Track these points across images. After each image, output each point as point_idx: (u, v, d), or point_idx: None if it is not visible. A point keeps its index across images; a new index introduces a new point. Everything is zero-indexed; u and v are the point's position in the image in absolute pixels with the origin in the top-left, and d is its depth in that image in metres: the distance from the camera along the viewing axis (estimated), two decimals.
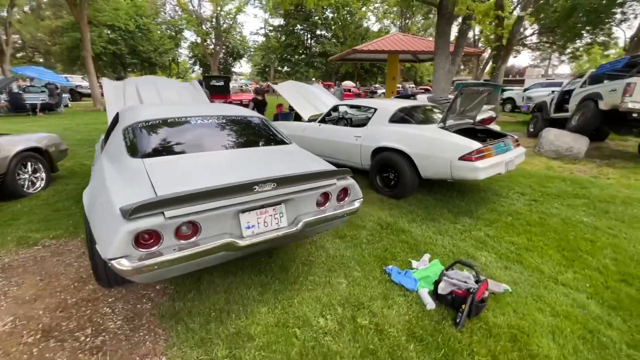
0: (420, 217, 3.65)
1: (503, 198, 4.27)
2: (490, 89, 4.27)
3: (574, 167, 6.04)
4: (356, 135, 4.64)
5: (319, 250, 2.89)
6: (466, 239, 3.13)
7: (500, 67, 14.40)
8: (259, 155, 2.36)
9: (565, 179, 5.09)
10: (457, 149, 3.60)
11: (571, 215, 3.72)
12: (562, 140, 6.72)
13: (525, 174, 5.35)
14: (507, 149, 4.04)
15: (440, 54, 9.08)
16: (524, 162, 6.13)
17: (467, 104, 4.20)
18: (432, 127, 4.02)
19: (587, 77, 7.74)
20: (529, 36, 29.55)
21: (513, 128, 11.38)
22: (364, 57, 17.52)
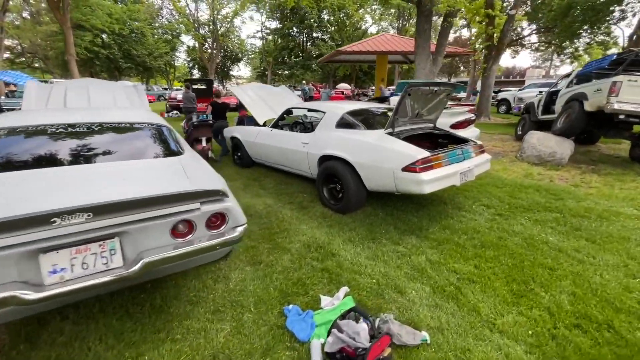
0: (360, 236, 3.17)
1: (464, 212, 3.78)
2: (450, 88, 3.79)
3: (556, 174, 5.52)
4: (303, 142, 4.18)
5: (219, 281, 2.42)
6: (402, 266, 2.65)
7: (492, 67, 13.89)
8: (116, 171, 1.91)
9: (541, 188, 4.58)
10: (400, 158, 3.13)
11: (536, 233, 3.22)
12: (545, 144, 6.21)
13: (499, 183, 4.85)
14: (466, 156, 3.55)
15: (421, 53, 8.63)
16: (502, 170, 5.66)
17: (421, 105, 3.72)
18: (378, 133, 3.55)
19: (573, 76, 7.22)
20: (527, 36, 29.09)
21: (503, 130, 10.88)
22: (352, 59, 17.07)
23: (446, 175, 3.17)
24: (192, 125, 5.68)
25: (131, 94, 4.75)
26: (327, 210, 3.82)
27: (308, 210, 3.83)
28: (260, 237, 3.13)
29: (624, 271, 2.57)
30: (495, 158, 6.71)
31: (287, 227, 3.36)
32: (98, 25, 23.31)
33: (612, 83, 5.40)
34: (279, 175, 5.23)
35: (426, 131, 4.00)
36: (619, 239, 3.08)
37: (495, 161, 6.39)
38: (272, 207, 3.95)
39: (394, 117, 3.42)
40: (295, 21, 37.12)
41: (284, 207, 3.96)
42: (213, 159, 6.19)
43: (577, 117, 6.20)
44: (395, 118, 3.46)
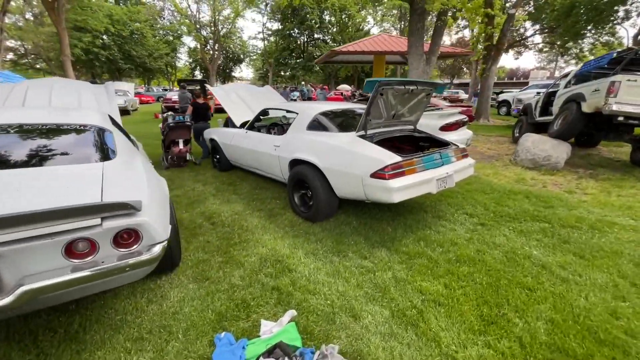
0: (325, 248, 2.90)
1: (444, 221, 3.49)
2: (429, 88, 3.51)
3: (550, 179, 5.21)
4: (275, 145, 3.92)
5: (154, 302, 2.17)
6: (364, 284, 2.38)
7: (491, 68, 13.57)
8: (15, 180, 1.66)
9: (532, 195, 4.28)
10: (368, 164, 2.86)
11: (519, 246, 2.93)
12: (540, 147, 5.90)
13: (487, 189, 4.55)
14: (445, 161, 3.27)
15: (414, 53, 8.35)
16: (493, 174, 5.36)
17: (398, 106, 3.45)
18: (349, 136, 3.28)
19: (571, 76, 6.91)
20: (530, 37, 28.67)
21: (501, 132, 10.55)
22: (350, 59, 16.79)
23: (420, 182, 2.90)
24: (168, 126, 5.45)
25: (100, 94, 4.54)
26: (297, 219, 3.55)
27: (277, 218, 3.57)
28: (216, 249, 2.87)
29: (612, 292, 2.28)
30: (488, 162, 6.42)
31: (249, 238, 3.11)
32: (93, 26, 23.21)
33: (610, 83, 5.09)
34: (256, 179, 4.99)
35: (405, 134, 3.73)
36: (611, 254, 2.79)
37: (488, 165, 6.09)
38: (239, 214, 3.70)
39: (365, 118, 3.15)
40: (296, 22, 36.96)
41: (253, 214, 3.70)
42: (193, 162, 5.96)
43: (574, 119, 5.89)
44: (367, 119, 3.20)
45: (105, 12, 28.53)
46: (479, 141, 8.84)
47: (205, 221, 3.49)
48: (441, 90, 3.68)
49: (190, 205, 3.94)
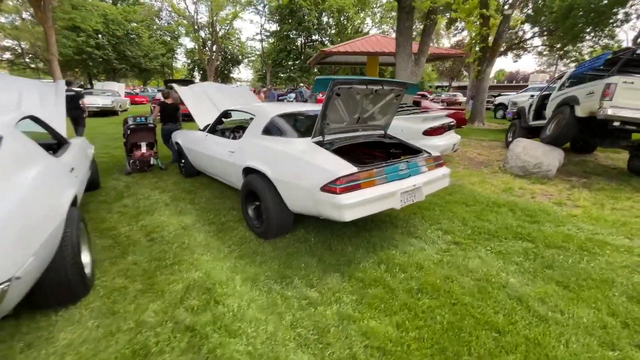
0: (269, 272, 2.50)
1: (414, 239, 3.09)
2: (398, 88, 3.11)
3: (540, 188, 4.81)
4: (230, 150, 3.53)
5: (34, 346, 1.76)
6: (300, 323, 1.97)
7: (486, 70, 13.20)
8: None
9: (517, 207, 3.88)
10: (318, 175, 2.46)
11: (495, 272, 2.52)
12: (530, 154, 5.50)
13: (469, 200, 4.15)
14: (413, 172, 2.87)
15: (402, 53, 7.98)
16: (479, 183, 4.97)
17: (361, 108, 3.05)
18: (305, 142, 2.88)
19: (565, 78, 6.52)
20: (529, 39, 28.36)
21: (495, 137, 10.16)
22: (343, 60, 16.42)
23: (379, 197, 2.50)
24: (128, 128, 5.06)
25: (46, 93, 4.17)
26: (249, 234, 3.15)
27: (227, 234, 3.17)
28: (141, 274, 2.47)
29: (599, 336, 1.87)
30: (477, 168, 6.02)
31: (185, 258, 2.70)
32: (82, 25, 22.86)
33: (605, 85, 4.70)
34: (219, 187, 4.59)
35: (373, 140, 3.33)
36: (600, 283, 2.38)
37: (475, 172, 5.69)
38: (186, 228, 3.30)
39: (321, 122, 2.76)
40: (294, 23, 36.66)
41: (202, 228, 3.30)
42: (159, 167, 5.56)
43: (567, 123, 5.49)
44: (324, 124, 2.80)
45: (100, 11, 28.27)
46: (470, 146, 8.45)
47: (143, 237, 3.09)
48: (413, 91, 3.27)
49: (136, 217, 3.54)
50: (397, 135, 5.66)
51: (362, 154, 3.83)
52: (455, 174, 5.50)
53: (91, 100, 15.30)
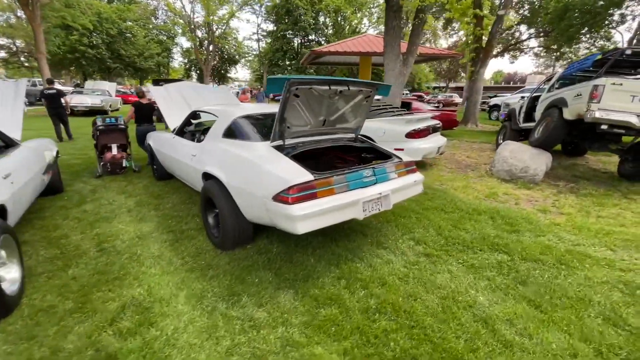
0: (218, 289, 2.29)
1: (383, 250, 2.89)
2: (368, 89, 2.91)
3: (526, 193, 4.63)
4: (192, 154, 3.33)
5: None
6: (239, 349, 1.77)
7: (479, 71, 13.04)
8: None
9: (498, 215, 3.69)
10: (272, 183, 2.26)
11: (464, 289, 2.33)
12: (517, 157, 5.31)
13: (449, 207, 3.96)
14: (380, 179, 2.67)
15: (390, 52, 7.79)
16: (462, 188, 4.78)
17: (325, 110, 2.86)
18: (263, 146, 2.68)
19: (555, 79, 6.34)
20: (525, 40, 28.27)
21: (486, 139, 9.99)
22: (336, 60, 16.20)
23: (338, 207, 2.30)
24: (97, 130, 4.85)
25: (5, 92, 3.97)
26: (207, 245, 2.95)
27: (183, 244, 2.97)
28: (76, 290, 2.26)
29: None
30: (463, 172, 5.83)
31: (131, 271, 2.50)
32: (71, 23, 22.57)
33: (593, 87, 4.51)
34: (188, 192, 4.37)
35: (342, 143, 3.13)
36: (576, 302, 2.19)
37: (460, 176, 5.50)
38: (143, 237, 3.09)
39: (279, 125, 2.56)
40: (290, 23, 36.46)
41: (159, 237, 3.10)
42: (132, 169, 5.35)
43: (555, 126, 5.31)
44: (283, 127, 2.60)
45: (94, 10, 27.98)
46: (460, 148, 8.27)
47: (94, 247, 2.88)
48: (385, 92, 3.07)
49: (92, 225, 3.33)
50: (379, 138, 5.50)
51: (334, 159, 3.64)
52: (439, 178, 5.31)
53: (80, 99, 15.06)
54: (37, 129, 9.33)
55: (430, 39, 46.14)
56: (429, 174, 5.55)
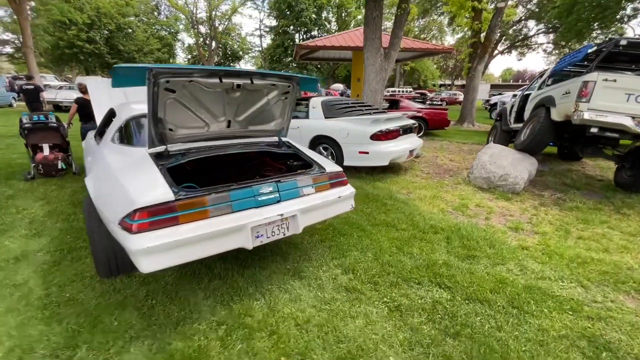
0: (57, 337, 1.79)
1: (299, 280, 2.35)
2: (284, 83, 2.37)
3: (501, 205, 4.03)
4: (89, 160, 2.84)
5: None
6: None
7: (477, 67, 12.31)
8: None
9: (458, 233, 3.12)
10: (119, 204, 1.75)
11: (373, 344, 1.78)
12: (497, 163, 4.70)
13: (403, 222, 3.40)
14: (287, 195, 2.14)
15: (370, 46, 7.18)
16: (430, 197, 4.22)
17: (228, 108, 2.32)
18: (139, 152, 2.17)
19: (547, 74, 5.69)
20: (532, 36, 27.21)
21: (480, 140, 9.34)
22: (329, 56, 15.57)
23: (209, 236, 1.77)
24: (24, 128, 4.40)
25: None
26: (90, 269, 2.45)
27: (62, 267, 2.47)
28: None
29: None
30: (439, 178, 5.24)
31: None
32: (59, 18, 22.34)
33: (582, 84, 3.90)
34: None
35: (259, 149, 2.60)
36: None
37: (434, 183, 4.91)
38: (22, 258, 2.60)
39: (154, 127, 2.03)
40: (291, 18, 35.81)
41: (41, 258, 2.61)
42: (72, 172, 4.89)
43: (541, 128, 4.69)
44: (160, 129, 2.08)
45: (93, 5, 27.77)
46: (446, 150, 7.65)
47: None
48: (311, 87, 2.51)
49: None
50: (343, 140, 4.94)
51: (263, 168, 3.10)
52: (408, 185, 4.73)
53: (66, 94, 14.77)
54: (13, 125, 9.02)
55: (436, 35, 45.05)
56: (399, 180, 4.98)
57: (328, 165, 2.52)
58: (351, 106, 5.43)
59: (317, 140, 5.23)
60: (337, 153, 5.00)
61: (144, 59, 33.25)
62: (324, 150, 5.20)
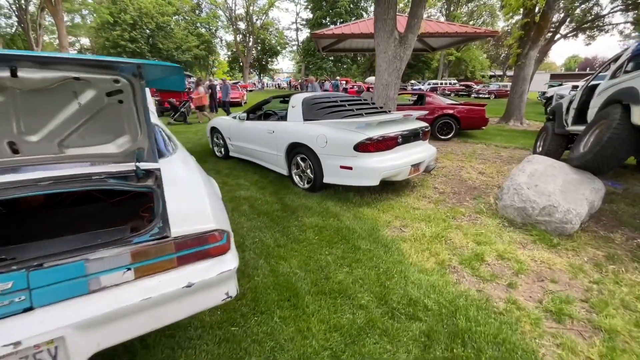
0: None
1: None
2: (104, 75, 1.32)
3: (541, 258, 2.61)
4: None
5: None
6: None
7: (529, 54, 10.19)
8: None
9: (451, 320, 1.85)
10: None
11: None
12: (540, 187, 3.21)
13: (370, 285, 2.19)
14: (55, 294, 1.08)
15: (380, 29, 5.85)
16: (432, 238, 2.95)
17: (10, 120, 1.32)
18: None
19: (625, 57, 3.95)
20: (606, 15, 23.09)
21: (524, 142, 7.54)
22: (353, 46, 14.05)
23: None
24: None
25: None
26: None
27: None
28: None
29: None
30: (454, 203, 3.85)
31: None
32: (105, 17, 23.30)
33: None
34: None
35: (86, 186, 1.56)
36: None
37: (444, 211, 3.56)
38: None
39: None
40: (326, 9, 34.51)
41: None
42: None
43: (614, 136, 3.11)
44: None
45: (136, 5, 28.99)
46: (479, 157, 6.07)
47: None
48: (173, 82, 1.48)
49: None
50: (321, 151, 3.76)
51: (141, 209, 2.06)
52: (406, 214, 3.44)
53: None
54: None
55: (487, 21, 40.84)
56: (396, 204, 3.69)
57: (192, 219, 1.41)
58: (339, 105, 4.20)
59: (293, 149, 4.12)
60: (316, 166, 3.85)
61: (182, 56, 34.23)
62: (302, 161, 4.07)
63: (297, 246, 2.77)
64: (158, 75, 1.52)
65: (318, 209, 3.54)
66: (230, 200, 3.85)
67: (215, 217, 1.45)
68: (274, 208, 3.60)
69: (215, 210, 1.51)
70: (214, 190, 1.95)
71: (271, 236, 2.95)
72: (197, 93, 10.99)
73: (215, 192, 1.93)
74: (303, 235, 2.97)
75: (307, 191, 4.07)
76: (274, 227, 3.14)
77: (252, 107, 5.29)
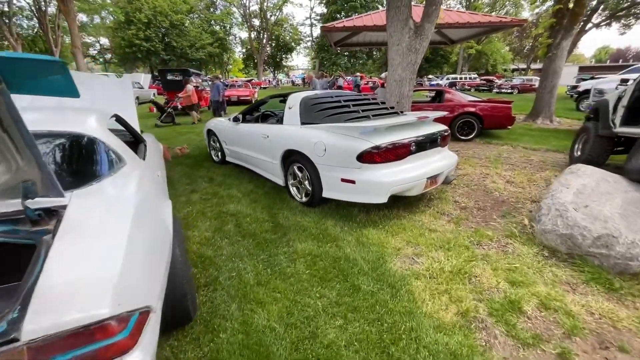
0: None
1: None
2: None
3: (599, 309, 1.97)
4: None
5: None
6: None
7: (560, 44, 9.21)
8: None
9: None
10: None
11: None
12: (591, 209, 2.54)
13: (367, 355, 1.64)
14: None
15: (394, 18, 5.20)
16: (452, 275, 2.35)
17: None
18: None
19: None
20: None
21: (557, 144, 6.71)
22: (367, 40, 13.30)
23: None
24: None
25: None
26: None
27: None
28: None
29: None
30: (483, 220, 3.22)
31: None
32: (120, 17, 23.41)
33: None
34: None
35: None
36: None
37: (469, 234, 2.94)
38: None
39: None
40: (341, 3, 33.67)
41: None
42: None
43: None
44: None
45: (150, 5, 29.14)
46: (505, 162, 5.35)
47: None
48: (67, 88, 1.00)
49: None
50: (318, 160, 3.19)
51: None
52: (420, 237, 2.84)
53: None
54: None
55: (511, 11, 38.81)
56: (409, 222, 3.09)
57: (75, 301, 0.88)
58: (342, 105, 3.61)
59: (289, 156, 3.58)
60: (314, 178, 3.29)
61: (196, 54, 34.27)
62: (299, 171, 3.52)
63: (282, 284, 2.23)
64: (32, 76, 1.02)
65: (314, 230, 2.99)
66: (215, 216, 3.36)
67: (118, 293, 0.93)
68: (264, 228, 3.07)
69: (129, 275, 1.00)
70: (155, 232, 1.43)
71: (253, 268, 2.42)
72: (185, 92, 10.41)
73: (156, 237, 1.41)
74: (292, 267, 2.44)
75: (304, 205, 3.53)
76: (258, 254, 2.62)
77: (248, 107, 4.78)
